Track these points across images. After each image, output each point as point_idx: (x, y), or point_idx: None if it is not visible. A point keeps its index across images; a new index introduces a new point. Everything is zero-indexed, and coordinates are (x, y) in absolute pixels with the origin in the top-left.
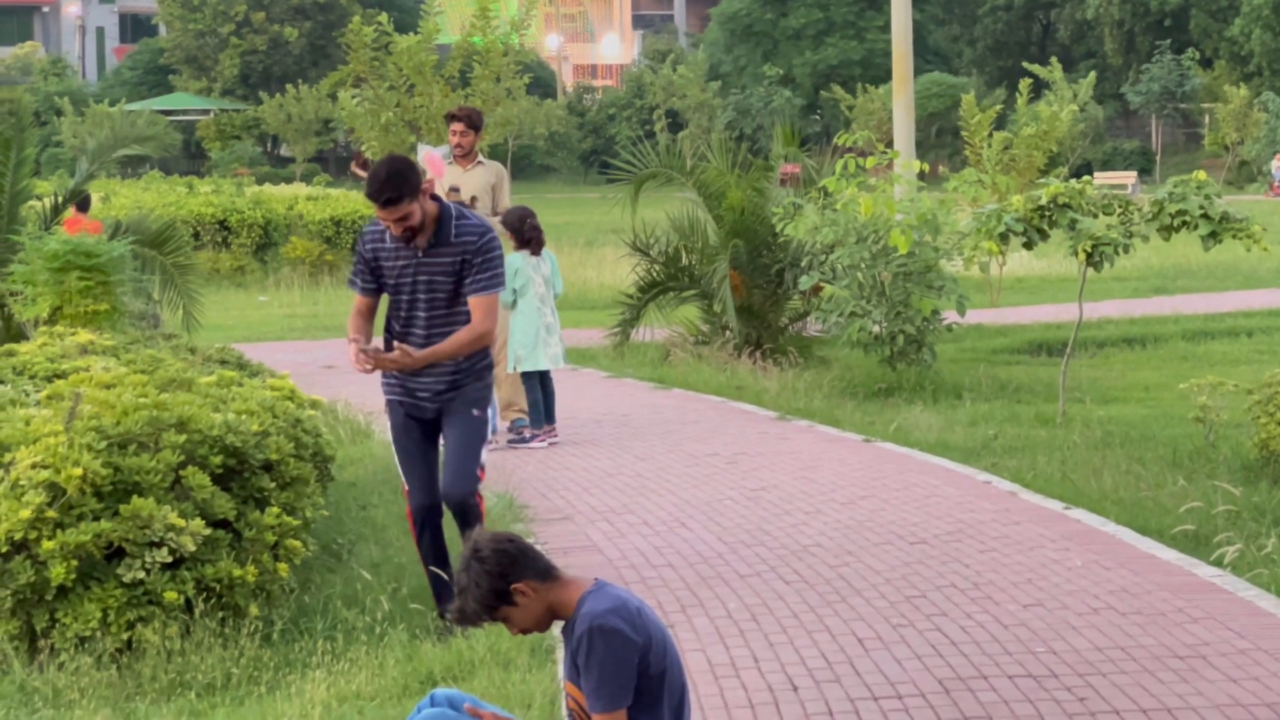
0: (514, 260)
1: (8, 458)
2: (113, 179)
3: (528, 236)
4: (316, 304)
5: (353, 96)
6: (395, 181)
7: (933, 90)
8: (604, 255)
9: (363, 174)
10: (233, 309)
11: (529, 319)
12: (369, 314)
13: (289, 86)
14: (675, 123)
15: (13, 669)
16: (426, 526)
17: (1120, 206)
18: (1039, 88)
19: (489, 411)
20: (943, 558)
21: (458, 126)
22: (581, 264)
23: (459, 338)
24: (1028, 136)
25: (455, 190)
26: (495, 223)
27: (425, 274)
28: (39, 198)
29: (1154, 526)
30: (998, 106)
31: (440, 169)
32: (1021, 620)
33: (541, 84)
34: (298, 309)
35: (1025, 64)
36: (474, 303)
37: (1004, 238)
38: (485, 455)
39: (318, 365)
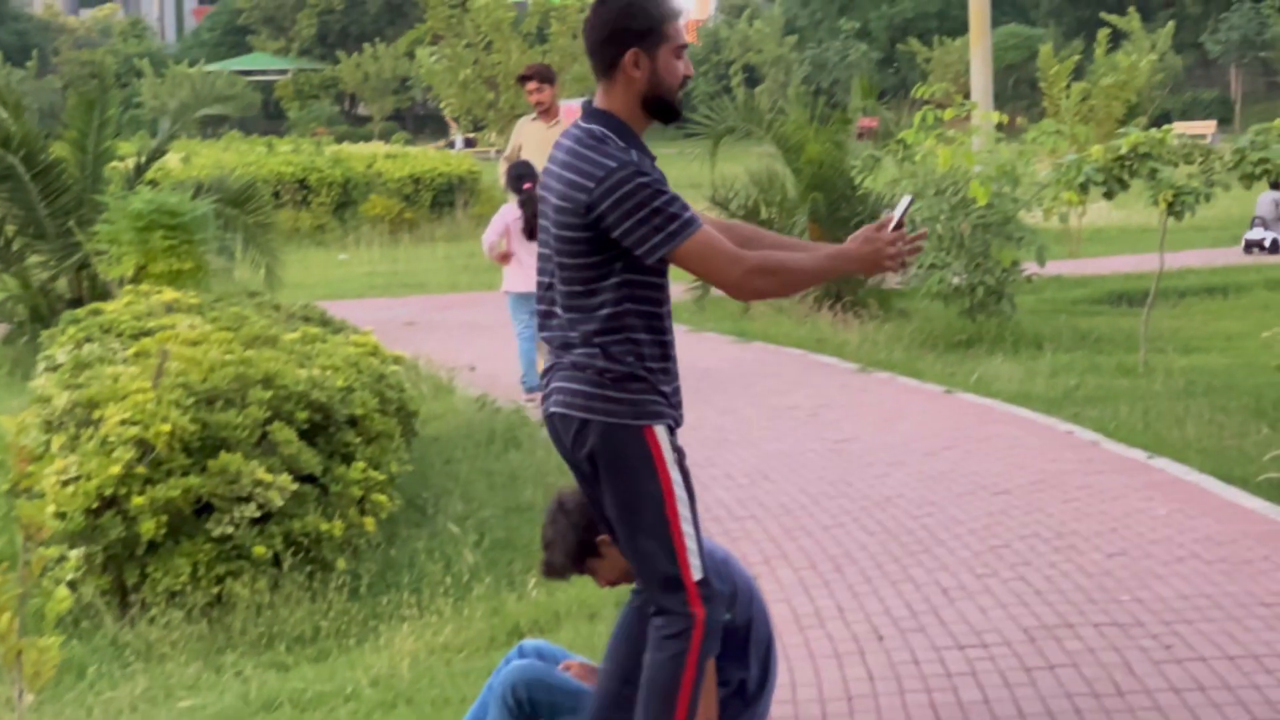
0: None
1: (97, 414)
2: (193, 139)
3: None
4: (396, 261)
5: (430, 54)
6: None
7: (1010, 42)
8: None
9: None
10: (313, 267)
11: None
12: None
13: (366, 45)
14: (752, 78)
15: (104, 624)
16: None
17: (1201, 155)
18: (1117, 38)
19: None
20: (1026, 508)
21: (531, 85)
22: None
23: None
24: (1106, 87)
25: None
26: None
27: None
28: (121, 158)
29: (1238, 475)
30: (1075, 57)
31: None
32: (1106, 569)
33: None
34: (378, 266)
35: (1103, 14)
36: None
37: (1084, 188)
38: None
39: (399, 322)
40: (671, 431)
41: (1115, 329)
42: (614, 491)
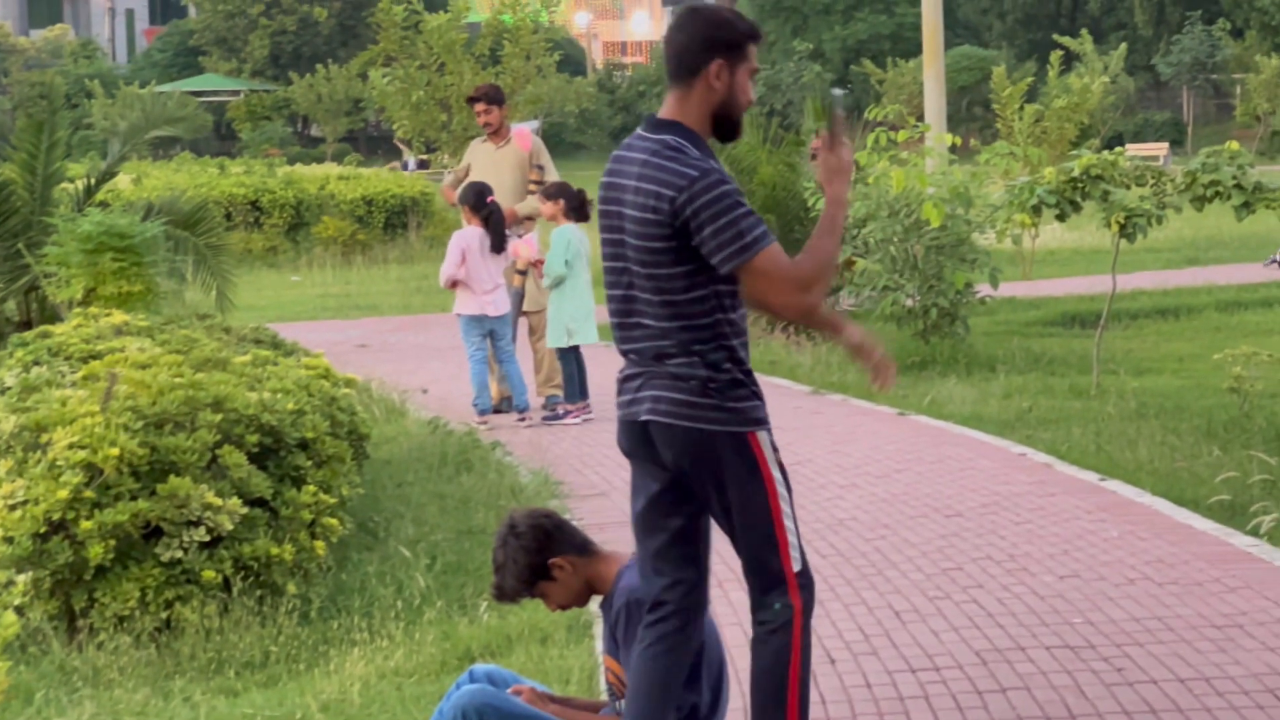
0: (566, 231)
1: (45, 438)
2: (144, 161)
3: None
4: (349, 283)
5: (383, 76)
6: None
7: (963, 63)
8: None
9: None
10: (266, 289)
11: (582, 291)
12: None
13: (319, 67)
14: None
15: (52, 649)
16: None
17: (1153, 177)
18: (1069, 60)
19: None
20: (978, 530)
21: (480, 107)
22: None
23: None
24: (1059, 109)
25: (539, 169)
26: (531, 201)
27: None
28: (71, 180)
29: (1190, 497)
30: (1028, 79)
31: (528, 143)
32: (1058, 592)
33: (571, 61)
34: (330, 288)
35: (1055, 36)
36: None
37: (1036, 210)
38: None
39: (351, 344)
40: (770, 432)
41: (1068, 351)
42: (721, 496)
